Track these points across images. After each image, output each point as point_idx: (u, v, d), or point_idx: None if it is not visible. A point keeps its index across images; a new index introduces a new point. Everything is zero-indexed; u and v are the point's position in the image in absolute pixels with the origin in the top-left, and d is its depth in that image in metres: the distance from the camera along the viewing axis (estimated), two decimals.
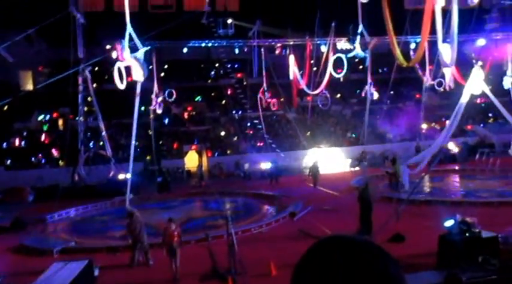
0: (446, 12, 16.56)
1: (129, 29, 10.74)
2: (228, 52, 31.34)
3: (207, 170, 27.57)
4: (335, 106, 34.02)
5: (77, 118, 25.22)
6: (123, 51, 11.08)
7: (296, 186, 21.67)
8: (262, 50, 27.21)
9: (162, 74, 25.67)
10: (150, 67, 21.98)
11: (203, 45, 28.36)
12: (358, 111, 32.53)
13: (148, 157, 27.04)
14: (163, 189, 22.81)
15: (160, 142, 29.59)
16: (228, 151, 30.35)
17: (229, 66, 33.13)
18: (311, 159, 28.44)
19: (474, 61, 18.05)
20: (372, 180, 18.04)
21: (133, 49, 11.85)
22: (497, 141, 28.29)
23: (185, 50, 28.94)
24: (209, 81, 35.98)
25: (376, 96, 25.07)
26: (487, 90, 19.30)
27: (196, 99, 34.87)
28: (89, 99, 24.72)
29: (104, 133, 23.66)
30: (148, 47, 10.53)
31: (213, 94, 35.32)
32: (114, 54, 11.03)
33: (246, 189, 21.92)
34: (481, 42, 28.49)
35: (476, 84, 18.14)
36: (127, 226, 11.09)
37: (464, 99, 18.48)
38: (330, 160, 28.19)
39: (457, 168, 24.16)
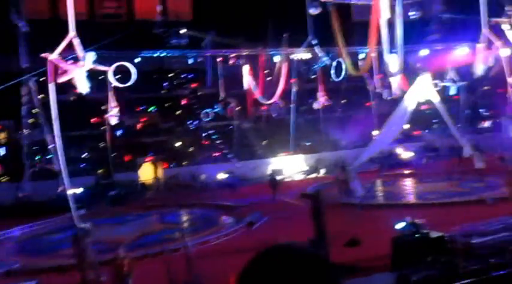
0: (391, 25, 17.39)
1: (72, 35, 10.28)
2: (181, 62, 31.07)
3: (163, 182, 27.03)
4: (289, 115, 34.55)
5: (21, 131, 23.95)
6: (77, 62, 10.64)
7: (254, 195, 21.70)
8: (218, 60, 27.20)
9: (113, 85, 24.97)
10: (101, 77, 21.37)
11: (156, 55, 27.93)
12: (312, 119, 33.21)
13: (100, 171, 26.11)
14: (117, 203, 22.08)
15: (113, 154, 28.71)
16: (184, 162, 29.95)
17: (183, 76, 32.85)
18: (270, 168, 28.75)
19: (420, 70, 19.03)
20: (326, 186, 18.44)
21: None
22: (442, 145, 29.83)
23: (137, 60, 28.35)
24: (163, 91, 35.44)
25: (318, 106, 25.46)
26: (436, 96, 20.37)
27: (149, 110, 34.21)
28: (35, 111, 23.59)
29: (51, 146, 22.60)
30: (92, 54, 10.11)
31: (167, 105, 34.80)
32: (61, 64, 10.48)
33: (203, 200, 21.68)
34: (423, 52, 30.10)
35: (421, 91, 19.13)
36: (74, 244, 10.57)
37: (409, 105, 19.44)
38: (286, 168, 28.56)
39: (406, 171, 25.20)
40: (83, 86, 10.79)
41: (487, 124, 34.25)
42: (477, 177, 20.19)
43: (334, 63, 22.97)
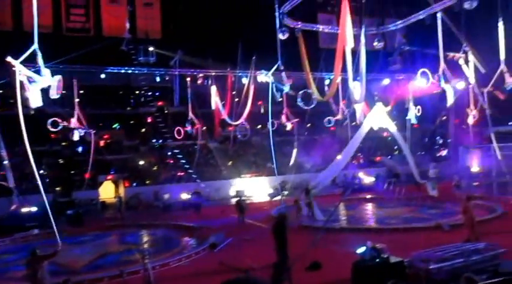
0: (355, 53, 18.04)
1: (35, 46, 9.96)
2: (148, 80, 30.84)
3: (124, 201, 26.29)
4: (256, 137, 34.79)
5: None
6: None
7: (217, 216, 21.48)
8: (187, 79, 27.14)
9: (77, 100, 24.37)
10: (63, 92, 20.77)
11: (123, 71, 27.57)
12: (278, 142, 33.52)
13: (58, 188, 25.13)
14: (75, 222, 21.21)
15: (73, 171, 27.77)
16: (147, 181, 29.35)
17: (149, 94, 32.58)
18: (234, 189, 28.64)
19: (376, 98, 19.82)
20: (290, 209, 18.52)
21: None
22: (402, 171, 30.78)
23: (103, 75, 27.87)
24: (128, 108, 34.90)
25: (272, 127, 25.64)
26: (392, 125, 21.15)
27: (114, 127, 33.53)
28: None
29: (5, 162, 21.60)
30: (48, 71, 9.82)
31: (132, 122, 34.25)
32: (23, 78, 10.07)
33: (166, 220, 21.23)
34: (386, 81, 31.34)
35: (376, 119, 19.94)
36: (27, 266, 10.01)
37: (363, 131, 20.15)
38: (251, 190, 28.56)
39: (368, 196, 25.76)
40: (36, 100, 10.33)
41: (444, 152, 35.79)
42: (434, 203, 20.92)
43: (301, 92, 23.49)
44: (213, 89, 26.52)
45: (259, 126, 35.92)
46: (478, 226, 12.71)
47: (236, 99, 27.76)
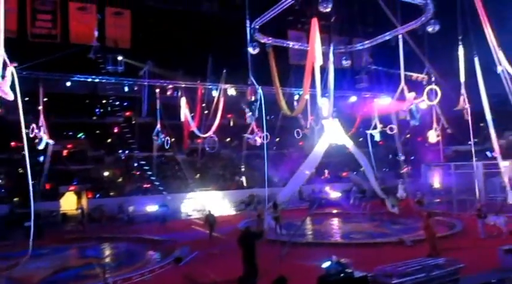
0: (324, 70, 18.43)
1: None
2: (116, 89, 30.23)
3: (87, 213, 25.45)
4: (224, 150, 34.71)
5: None
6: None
7: (183, 229, 21.13)
8: (157, 90, 26.84)
9: (40, 107, 23.55)
10: (26, 99, 20.08)
11: (89, 80, 26.97)
12: (247, 155, 33.56)
13: (16, 199, 24.06)
14: (34, 235, 20.27)
15: (33, 182, 26.66)
16: (111, 193, 28.57)
17: (117, 103, 31.96)
18: (201, 202, 28.30)
19: (333, 115, 20.14)
20: (257, 223, 18.46)
21: None
22: (368, 187, 31.40)
23: (69, 83, 27.15)
24: (94, 117, 34.09)
25: (252, 142, 25.78)
26: (348, 141, 21.65)
27: (78, 136, 32.59)
28: None
29: None
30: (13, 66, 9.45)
31: (97, 132, 33.43)
32: None
33: (129, 233, 20.68)
34: (353, 99, 32.13)
35: (334, 135, 20.40)
36: None
37: (319, 148, 20.55)
38: (218, 203, 28.32)
39: (334, 211, 26.08)
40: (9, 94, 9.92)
41: (407, 170, 36.82)
42: (397, 219, 21.42)
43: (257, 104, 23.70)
44: (183, 101, 26.36)
45: (228, 139, 35.92)
46: (438, 242, 13.11)
47: (206, 112, 27.69)
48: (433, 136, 23.36)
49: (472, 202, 20.91)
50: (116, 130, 32.96)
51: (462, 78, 17.77)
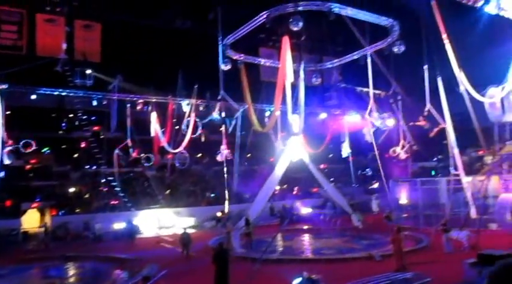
0: (295, 87, 18.74)
1: None
2: (84, 103, 29.54)
3: (50, 231, 24.46)
4: (195, 166, 34.37)
5: None
6: None
7: (152, 247, 20.64)
8: (128, 106, 26.44)
9: (1, 121, 22.65)
10: None
11: (56, 93, 26.28)
12: (218, 171, 33.34)
13: None
14: None
15: None
16: (77, 210, 27.63)
17: (84, 117, 31.20)
18: (169, 219, 27.77)
19: (295, 132, 20.52)
20: (228, 239, 18.28)
21: None
22: (338, 203, 31.74)
23: (34, 96, 26.36)
24: (60, 132, 33.12)
25: (221, 158, 25.67)
26: (306, 157, 22.03)
27: (43, 151, 31.50)
28: None
29: None
30: None
31: (63, 146, 32.44)
32: None
33: (96, 251, 19.98)
34: (323, 115, 32.69)
35: (295, 152, 20.76)
36: None
37: (281, 167, 20.84)
38: (188, 220, 27.90)
39: (305, 227, 26.17)
40: None
41: (376, 185, 37.54)
42: (366, 234, 21.72)
43: (233, 121, 23.80)
44: (153, 116, 26.07)
45: (199, 155, 35.62)
46: (406, 256, 13.35)
47: (176, 127, 27.46)
48: (401, 152, 23.98)
49: (438, 217, 21.49)
50: (83, 145, 32.12)
51: (427, 97, 18.41)
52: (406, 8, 20.71)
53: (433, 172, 35.09)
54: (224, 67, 23.10)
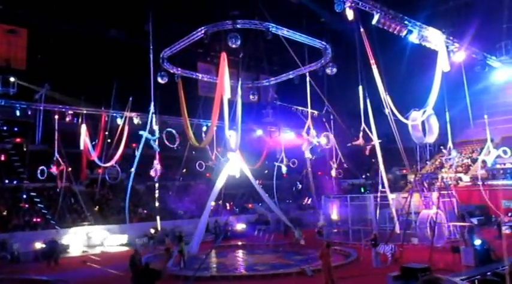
0: (232, 103, 18.85)
1: None
2: (6, 112, 27.44)
3: None
4: (127, 180, 33.08)
5: None
6: None
7: (77, 267, 19.39)
8: (56, 117, 24.92)
9: None
10: None
11: None
12: (151, 186, 32.35)
13: None
14: None
15: None
16: None
17: (5, 128, 28.95)
18: (98, 237, 26.34)
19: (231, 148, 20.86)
20: (159, 257, 17.71)
21: None
22: (272, 218, 32.09)
23: None
24: None
25: (154, 173, 24.98)
26: (248, 172, 22.37)
27: None
28: None
29: None
30: None
31: None
32: None
33: (13, 273, 18.33)
34: (259, 132, 33.19)
35: (234, 167, 21.06)
36: None
37: (220, 181, 21.06)
38: (118, 237, 26.67)
39: (239, 243, 26.09)
40: None
41: (309, 201, 38.56)
42: (299, 250, 22.14)
43: (164, 134, 23.39)
44: (83, 128, 24.87)
45: (132, 169, 34.35)
46: (334, 271, 13.73)
47: (108, 140, 26.37)
48: (333, 169, 24.91)
49: (366, 232, 22.46)
50: (2, 158, 29.70)
51: (363, 119, 19.27)
52: (339, 33, 21.84)
53: (362, 189, 36.83)
54: (161, 80, 22.72)
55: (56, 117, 25.00)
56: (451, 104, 21.97)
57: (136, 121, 26.86)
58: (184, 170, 32.99)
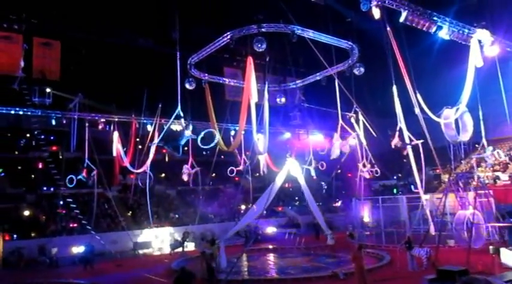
0: (259, 107, 18.88)
1: None
2: (43, 122, 28.51)
3: (1, 258, 23.05)
4: (158, 186, 33.70)
5: None
6: None
7: (113, 271, 19.87)
8: (87, 125, 25.69)
9: None
10: None
11: (13, 112, 25.26)
12: (181, 191, 32.83)
13: None
14: None
15: None
16: (33, 234, 26.28)
17: (42, 137, 30.07)
18: (133, 241, 26.92)
19: (288, 153, 21.08)
20: (193, 261, 17.91)
21: None
22: (302, 221, 31.90)
23: None
24: (16, 152, 31.71)
25: (186, 178, 25.26)
26: (301, 178, 22.40)
27: None
28: None
29: None
30: None
31: (19, 167, 31.04)
32: None
33: (52, 277, 18.97)
34: (287, 135, 33.07)
35: (290, 172, 21.20)
36: None
37: (278, 184, 21.09)
38: (152, 241, 27.20)
39: (270, 246, 26.05)
40: None
41: (339, 203, 38.10)
42: (330, 253, 21.88)
43: (202, 134, 23.62)
44: (115, 135, 25.48)
45: (163, 175, 34.99)
46: (367, 274, 13.49)
47: (139, 146, 26.91)
48: (364, 170, 24.46)
49: (400, 234, 21.95)
50: (40, 166, 30.84)
51: (399, 118, 18.67)
52: (366, 33, 21.51)
53: (394, 190, 36.04)
54: (189, 86, 23.02)
55: (86, 124, 25.74)
56: (484, 100, 21.16)
57: (165, 127, 27.26)
58: (214, 175, 33.27)
